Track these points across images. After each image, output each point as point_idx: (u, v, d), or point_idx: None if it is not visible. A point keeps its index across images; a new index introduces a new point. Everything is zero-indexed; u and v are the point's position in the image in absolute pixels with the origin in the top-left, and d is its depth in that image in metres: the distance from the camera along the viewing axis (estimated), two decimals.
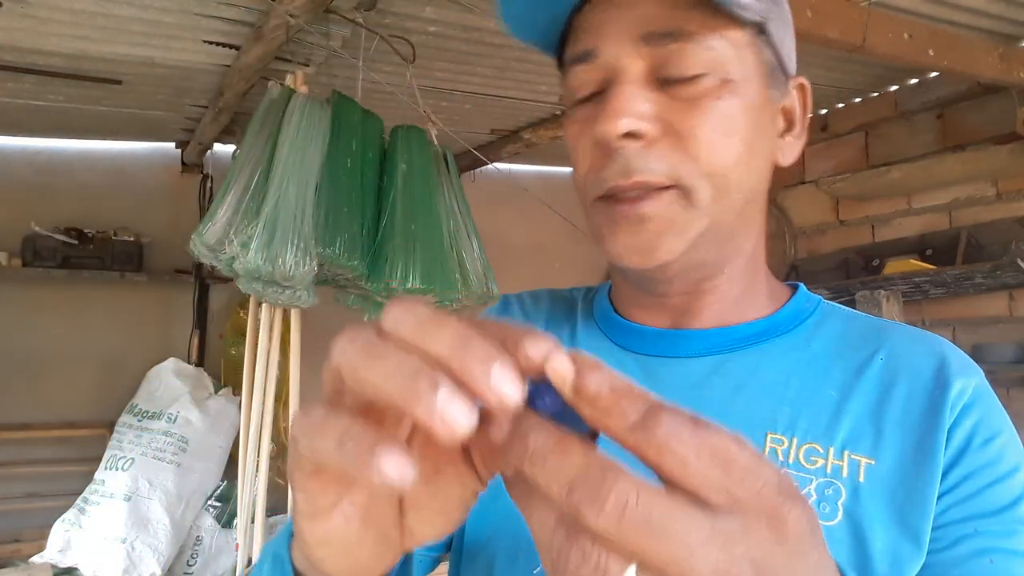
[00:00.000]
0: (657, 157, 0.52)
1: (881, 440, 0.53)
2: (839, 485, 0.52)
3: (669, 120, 0.52)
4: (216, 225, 2.00)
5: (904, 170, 3.17)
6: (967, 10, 2.39)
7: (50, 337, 3.29)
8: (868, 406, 0.54)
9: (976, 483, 0.51)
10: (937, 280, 2.93)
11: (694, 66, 0.52)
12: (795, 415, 0.55)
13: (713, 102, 0.52)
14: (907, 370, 0.56)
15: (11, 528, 3.08)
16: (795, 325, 0.60)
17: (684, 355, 0.59)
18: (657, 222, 0.53)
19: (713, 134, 0.52)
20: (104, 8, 2.07)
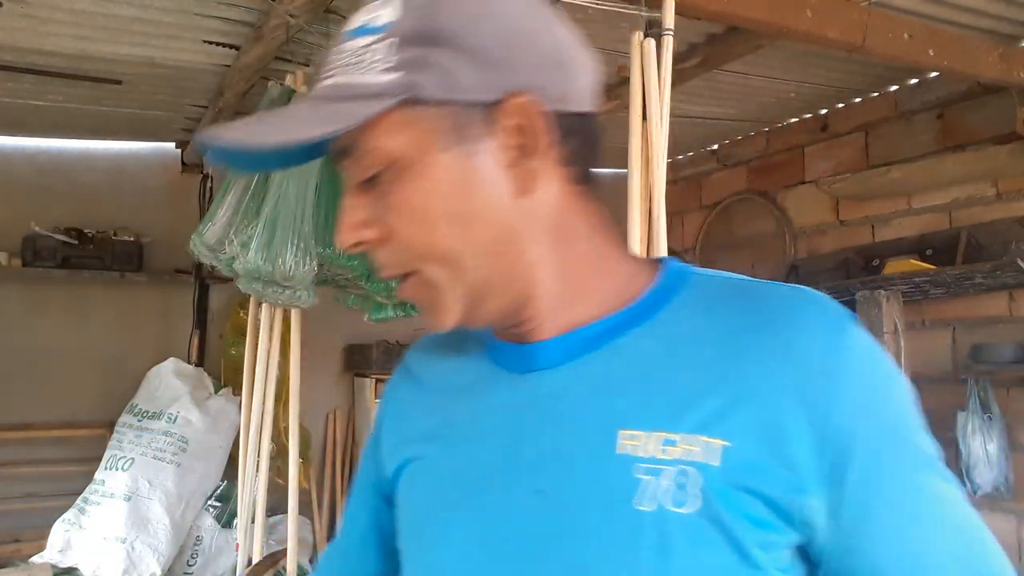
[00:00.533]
0: (389, 253, 0.57)
1: (736, 422, 0.52)
2: (693, 471, 0.51)
3: (382, 219, 0.56)
4: (216, 225, 2.00)
5: (904, 170, 3.17)
6: (967, 10, 2.39)
7: (50, 337, 3.29)
8: (725, 386, 0.53)
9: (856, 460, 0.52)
10: (937, 280, 2.93)
11: (368, 169, 0.55)
12: (649, 406, 0.54)
13: (398, 195, 0.55)
14: (762, 345, 0.54)
15: (11, 528, 3.08)
16: (657, 310, 0.59)
17: (547, 367, 0.60)
18: (419, 301, 0.59)
19: (410, 225, 0.55)
20: (104, 8, 2.07)
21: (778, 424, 0.51)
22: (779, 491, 0.51)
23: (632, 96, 1.68)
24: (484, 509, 0.58)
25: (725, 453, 0.51)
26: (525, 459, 0.57)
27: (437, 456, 0.64)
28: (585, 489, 0.54)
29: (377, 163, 0.54)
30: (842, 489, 0.52)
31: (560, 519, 0.54)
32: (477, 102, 0.54)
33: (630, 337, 0.58)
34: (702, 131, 3.84)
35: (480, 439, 0.61)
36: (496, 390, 0.62)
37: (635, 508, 0.52)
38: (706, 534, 0.50)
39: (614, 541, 0.52)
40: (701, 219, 4.34)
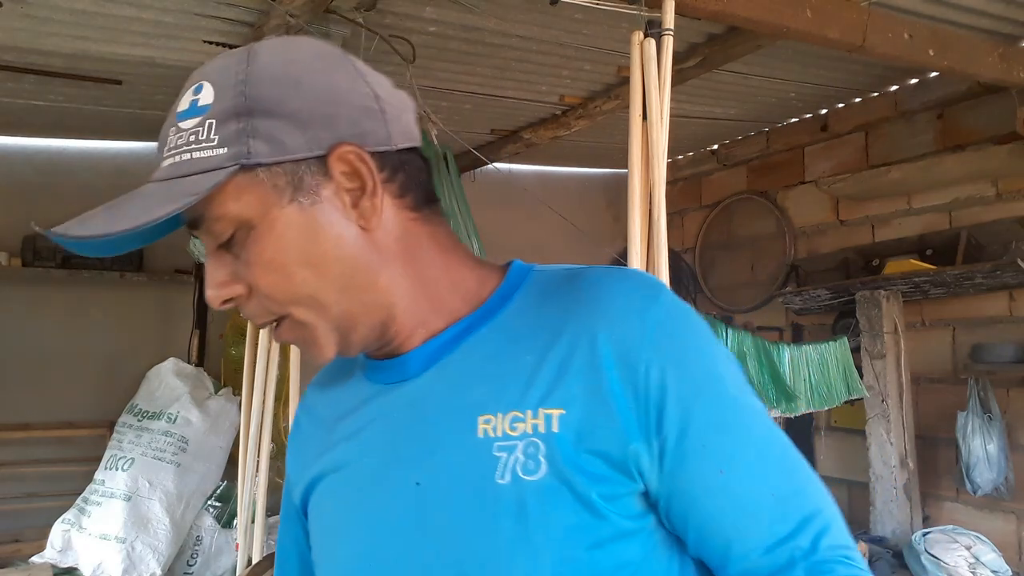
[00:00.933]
0: (256, 305, 0.62)
1: (569, 389, 0.59)
2: (538, 441, 0.58)
3: (243, 278, 0.61)
4: None
5: (904, 170, 3.18)
6: (967, 10, 2.39)
7: (50, 337, 3.29)
8: (557, 360, 0.60)
9: (671, 407, 0.58)
10: (937, 280, 2.93)
11: (220, 234, 0.60)
12: (499, 391, 0.61)
13: (251, 252, 0.60)
14: (581, 316, 0.61)
15: (11, 528, 3.08)
16: (500, 308, 0.66)
17: (413, 375, 0.66)
18: (295, 341, 0.64)
19: (268, 278, 0.60)
20: (104, 8, 2.07)
21: (600, 386, 0.58)
22: (611, 445, 0.57)
23: (632, 96, 1.68)
24: (371, 508, 0.65)
25: (562, 420, 0.58)
26: (402, 457, 0.64)
27: (332, 473, 0.70)
28: (453, 473, 0.60)
29: (227, 227, 0.60)
30: (661, 437, 0.58)
31: (435, 504, 0.61)
32: (305, 158, 0.60)
33: (479, 335, 0.65)
34: (702, 131, 3.84)
35: (364, 449, 0.67)
36: (373, 403, 0.69)
37: (496, 482, 0.58)
38: (555, 495, 0.57)
39: (481, 515, 0.58)
40: (701, 219, 4.34)
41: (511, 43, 2.48)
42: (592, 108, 3.06)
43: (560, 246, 4.21)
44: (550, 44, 2.50)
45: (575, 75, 2.81)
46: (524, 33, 2.40)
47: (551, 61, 2.66)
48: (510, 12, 2.23)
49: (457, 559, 0.59)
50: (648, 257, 1.63)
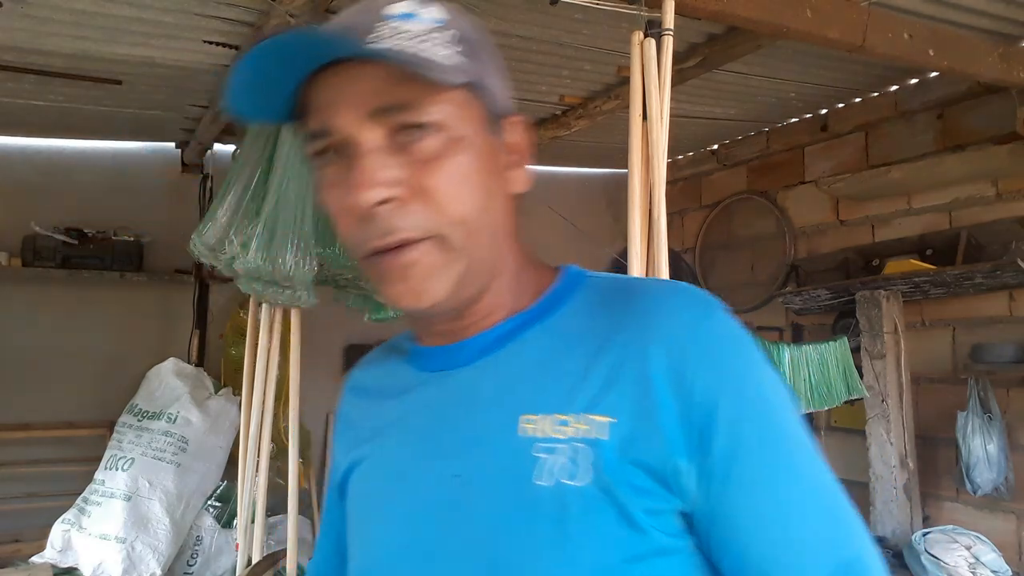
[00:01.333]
0: (410, 215, 0.59)
1: (618, 398, 0.58)
2: (584, 447, 0.57)
3: (412, 180, 0.59)
4: (216, 225, 2.00)
5: (904, 170, 3.18)
6: (967, 10, 2.39)
7: (50, 337, 3.29)
8: (608, 367, 0.59)
9: (717, 425, 0.56)
10: (937, 280, 2.93)
11: (424, 130, 0.59)
12: (545, 392, 0.61)
13: (447, 159, 0.60)
14: (635, 327, 0.60)
15: (11, 528, 3.08)
16: (554, 310, 0.66)
17: (461, 365, 0.67)
18: (421, 267, 0.60)
19: (453, 188, 0.60)
20: (104, 8, 2.07)
21: (649, 397, 0.57)
22: (657, 459, 0.56)
23: (632, 96, 1.68)
24: (409, 496, 0.65)
25: (612, 428, 0.57)
26: (443, 447, 0.64)
27: (373, 457, 0.71)
28: (492, 470, 0.60)
29: (436, 128, 0.59)
30: (708, 459, 0.56)
31: (472, 499, 0.60)
32: (500, 111, 0.65)
33: (530, 334, 0.65)
34: (702, 131, 3.83)
35: (406, 435, 0.68)
36: (418, 390, 0.69)
37: (535, 483, 0.57)
38: (597, 503, 0.56)
39: (517, 514, 0.58)
40: (701, 219, 4.34)
41: (511, 43, 2.48)
42: (592, 108, 3.06)
43: (560, 246, 4.21)
44: (550, 44, 2.50)
45: (575, 75, 2.81)
46: (524, 33, 2.40)
47: (551, 61, 2.66)
48: (510, 12, 2.23)
49: (490, 556, 0.58)
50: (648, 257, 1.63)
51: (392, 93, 0.58)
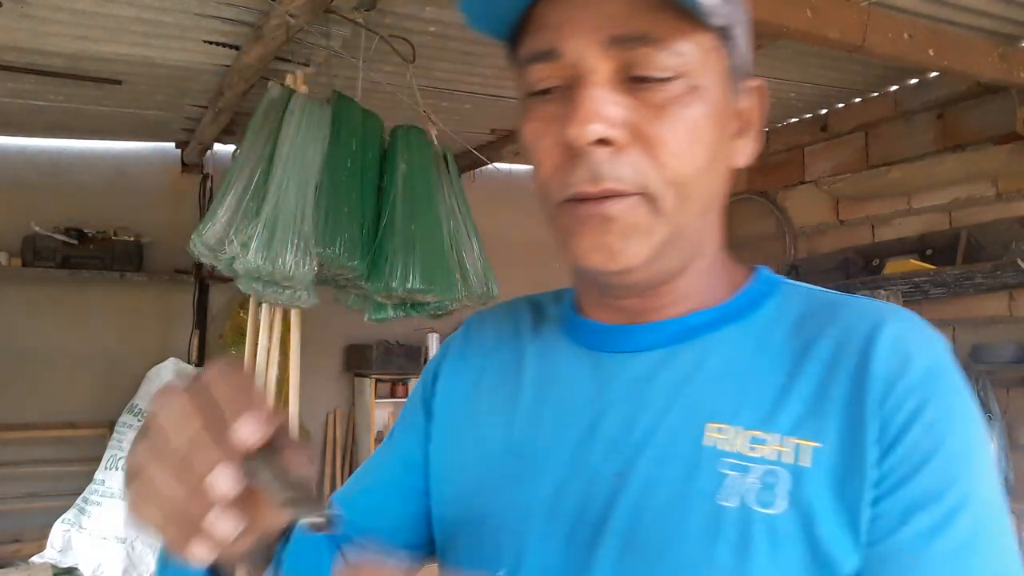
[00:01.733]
0: (625, 164, 0.52)
1: (825, 421, 0.52)
2: (783, 471, 0.51)
3: (637, 125, 0.52)
4: (216, 225, 2.00)
5: (904, 170, 3.18)
6: (967, 10, 2.39)
7: (50, 337, 3.29)
8: (813, 387, 0.53)
9: (905, 470, 0.49)
10: (937, 280, 2.93)
11: (663, 71, 0.52)
12: (739, 403, 0.54)
13: (681, 109, 0.52)
14: (849, 346, 0.54)
15: (11, 528, 3.08)
16: (750, 311, 0.59)
17: (633, 350, 0.59)
18: (622, 224, 0.53)
19: (681, 142, 0.52)
20: (104, 8, 2.07)
21: (859, 426, 0.51)
22: (856, 497, 0.50)
23: None
24: (552, 485, 0.57)
25: (815, 455, 0.51)
26: (602, 439, 0.57)
27: (494, 421, 0.63)
28: (667, 477, 0.53)
29: (678, 70, 0.52)
30: (894, 505, 0.50)
31: (637, 504, 0.53)
32: (742, 70, 0.58)
33: (723, 334, 0.58)
34: None
35: (549, 413, 0.60)
36: (572, 366, 0.62)
37: (717, 502, 0.51)
38: (789, 537, 0.49)
39: (693, 533, 0.51)
40: None
41: None
42: None
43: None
44: None
45: None
46: None
47: None
48: None
49: (651, 571, 0.52)
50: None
51: (637, 22, 0.51)
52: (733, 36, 0.55)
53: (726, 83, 0.56)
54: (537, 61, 0.54)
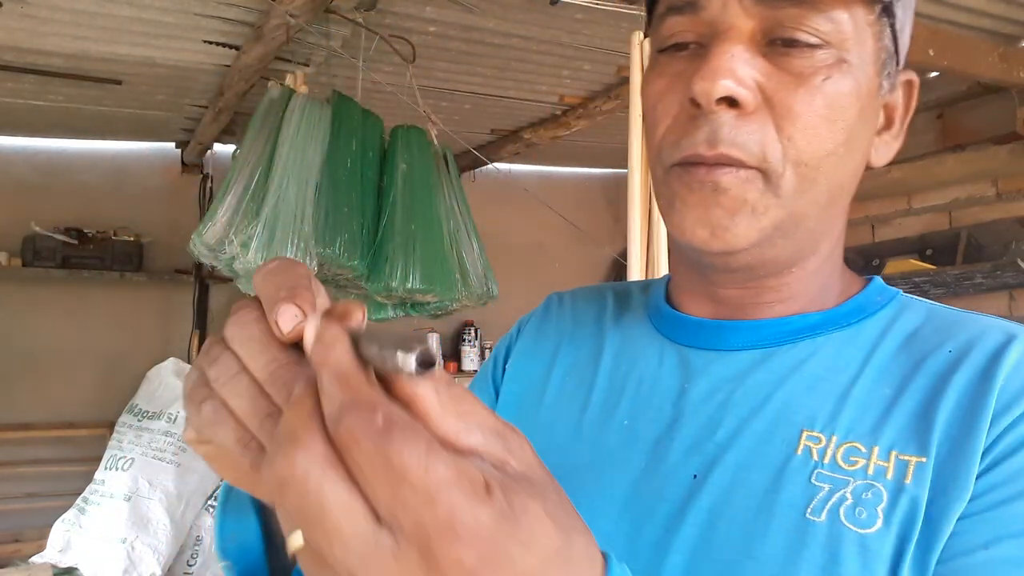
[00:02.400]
0: (749, 132, 0.48)
1: (931, 435, 0.47)
2: (880, 488, 0.46)
3: (770, 92, 0.48)
4: (216, 225, 2.00)
5: (904, 170, 3.17)
6: (967, 10, 2.39)
7: (50, 337, 3.29)
8: (922, 400, 0.48)
9: (1005, 492, 0.44)
10: (937, 280, 2.93)
11: (812, 35, 0.47)
12: (838, 412, 0.50)
13: (824, 80, 0.48)
14: (969, 359, 0.49)
15: (11, 528, 3.08)
16: (859, 319, 0.55)
17: (727, 348, 0.55)
18: (732, 197, 0.48)
19: (816, 117, 0.48)
20: (104, 8, 2.07)
21: (966, 446, 0.46)
22: (948, 511, 0.45)
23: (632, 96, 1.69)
24: (626, 482, 0.53)
25: (918, 471, 0.46)
26: (682, 438, 0.53)
27: (565, 408, 0.60)
28: (751, 484, 0.49)
29: (828, 38, 0.48)
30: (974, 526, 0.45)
31: (714, 510, 0.49)
32: (898, 58, 0.53)
33: (827, 340, 0.54)
34: None
35: (626, 406, 0.57)
36: (655, 359, 0.58)
37: (806, 516, 0.47)
38: (882, 560, 0.44)
39: (774, 547, 0.47)
40: None
41: (511, 43, 2.48)
42: (592, 108, 3.06)
43: (560, 246, 4.21)
44: (550, 44, 2.50)
45: (575, 75, 2.81)
46: (524, 33, 2.40)
47: (551, 61, 2.66)
48: (510, 12, 2.23)
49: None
50: (648, 257, 1.64)
51: None
52: (894, 15, 0.50)
53: (877, 67, 0.51)
54: (675, 13, 0.50)
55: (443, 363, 4.12)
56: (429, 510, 0.25)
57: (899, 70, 0.54)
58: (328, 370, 0.28)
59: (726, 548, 0.48)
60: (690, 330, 0.58)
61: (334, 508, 0.26)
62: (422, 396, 0.27)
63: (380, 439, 0.25)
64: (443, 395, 0.28)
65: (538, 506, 0.27)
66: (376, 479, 0.25)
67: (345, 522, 0.26)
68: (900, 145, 0.57)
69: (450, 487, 0.25)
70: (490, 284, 2.43)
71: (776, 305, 0.55)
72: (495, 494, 0.26)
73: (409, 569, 0.25)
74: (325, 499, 0.26)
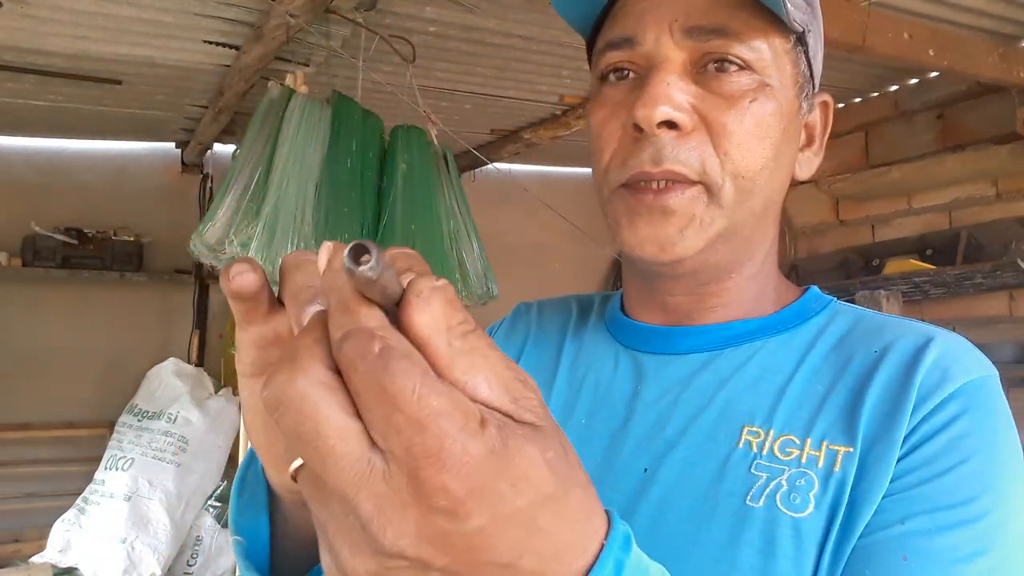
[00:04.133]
0: (689, 149, 0.53)
1: (857, 427, 0.51)
2: (812, 475, 0.50)
3: (704, 112, 0.53)
4: (216, 225, 2.00)
5: (904, 170, 3.18)
6: (967, 10, 2.39)
7: (50, 337, 3.29)
8: (849, 395, 0.53)
9: (921, 475, 0.48)
10: (937, 280, 2.93)
11: (733, 64, 0.53)
12: (775, 408, 0.54)
13: (751, 103, 0.54)
14: (891, 358, 0.54)
15: (11, 528, 3.08)
16: (795, 324, 0.60)
17: (676, 352, 0.60)
18: (680, 216, 0.54)
19: (746, 134, 0.53)
20: (104, 8, 2.07)
21: (889, 438, 0.50)
22: (872, 497, 0.49)
23: None
24: None
25: (846, 459, 0.50)
26: (634, 435, 0.57)
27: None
28: (697, 475, 0.53)
29: (750, 61, 0.54)
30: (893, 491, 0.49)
31: (663, 501, 0.53)
32: (813, 81, 0.59)
33: (765, 343, 0.59)
34: None
35: (584, 406, 0.61)
36: (611, 363, 0.63)
37: (745, 503, 0.51)
38: (812, 542, 0.49)
39: (718, 532, 0.51)
40: None
41: (511, 43, 2.48)
42: None
43: (560, 246, 4.21)
44: (550, 44, 2.50)
45: (575, 75, 2.81)
46: (524, 33, 2.40)
47: (551, 61, 2.66)
48: (510, 12, 2.23)
49: (672, 567, 0.53)
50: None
51: (716, 15, 0.53)
52: (807, 43, 0.57)
53: (796, 89, 0.57)
54: (613, 48, 0.56)
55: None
56: (419, 437, 0.25)
57: (815, 92, 0.61)
58: (335, 296, 0.29)
59: (674, 535, 0.52)
60: (643, 336, 0.62)
61: (328, 429, 0.26)
62: (425, 330, 0.27)
63: (376, 364, 0.26)
64: (456, 341, 0.28)
65: (535, 450, 0.27)
66: (371, 404, 0.26)
67: (339, 443, 0.26)
68: (820, 160, 0.63)
69: (441, 416, 0.25)
70: (490, 284, 2.43)
71: (719, 310, 0.60)
72: (489, 430, 0.26)
73: (398, 493, 0.26)
74: (320, 421, 0.26)
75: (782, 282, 0.64)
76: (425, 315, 0.27)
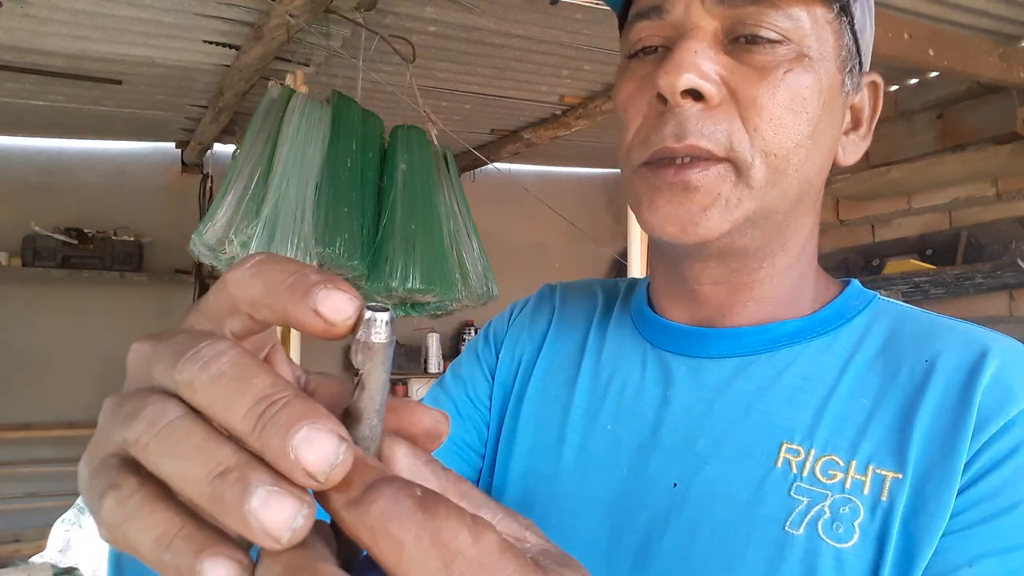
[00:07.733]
0: (715, 123, 0.48)
1: (909, 451, 0.46)
2: (857, 503, 0.46)
3: (734, 85, 0.49)
4: (216, 225, 2.00)
5: (904, 170, 3.17)
6: (967, 10, 2.39)
7: (50, 337, 3.29)
8: (899, 414, 0.48)
9: (987, 509, 0.44)
10: (937, 280, 2.93)
11: (772, 31, 0.49)
12: (817, 424, 0.50)
13: (786, 73, 0.49)
14: (945, 371, 0.49)
15: (11, 528, 3.08)
16: (836, 326, 0.55)
17: (707, 355, 0.55)
18: (703, 194, 0.49)
19: (780, 108, 0.49)
20: (104, 8, 2.07)
21: (945, 463, 0.45)
22: (927, 530, 0.45)
23: None
24: (608, 487, 0.54)
25: (894, 487, 0.46)
26: (662, 447, 0.53)
27: (550, 406, 0.60)
28: (731, 495, 0.49)
29: (788, 34, 0.49)
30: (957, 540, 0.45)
31: (697, 522, 0.49)
32: (860, 59, 0.54)
33: (804, 348, 0.54)
34: None
35: (609, 408, 0.57)
36: (637, 363, 0.58)
37: (784, 529, 0.47)
38: (856, 572, 0.45)
39: (755, 561, 0.47)
40: None
41: (511, 43, 2.48)
42: (592, 108, 3.06)
43: (560, 246, 4.21)
44: (550, 44, 2.50)
45: (575, 75, 2.81)
46: (524, 33, 2.40)
47: (551, 61, 2.66)
48: (510, 12, 2.23)
49: None
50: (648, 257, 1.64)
51: None
52: (851, 14, 0.52)
53: (839, 64, 0.52)
54: (642, 19, 0.52)
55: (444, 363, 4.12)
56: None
57: (863, 72, 0.55)
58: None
59: (707, 560, 0.48)
60: (672, 336, 0.58)
61: None
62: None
63: (425, 513, 0.22)
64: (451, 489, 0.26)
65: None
66: (424, 557, 0.22)
67: None
68: (868, 145, 0.58)
69: (503, 556, 0.23)
70: (490, 284, 2.43)
71: (751, 305, 0.55)
72: (541, 563, 0.24)
73: None
74: None
75: (821, 277, 0.59)
76: None
